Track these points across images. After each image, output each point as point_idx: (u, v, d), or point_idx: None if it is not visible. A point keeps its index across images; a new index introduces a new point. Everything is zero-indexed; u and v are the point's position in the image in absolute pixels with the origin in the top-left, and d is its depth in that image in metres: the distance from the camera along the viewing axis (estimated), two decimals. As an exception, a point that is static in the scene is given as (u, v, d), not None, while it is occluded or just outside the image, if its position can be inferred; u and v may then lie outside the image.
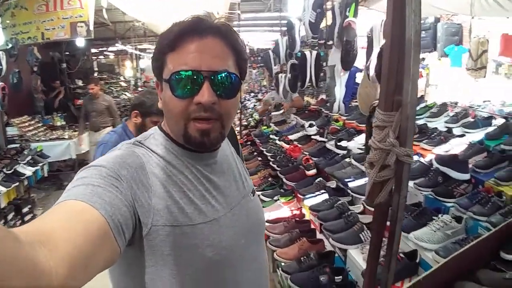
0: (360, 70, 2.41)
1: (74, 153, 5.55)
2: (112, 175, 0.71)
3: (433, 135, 2.63)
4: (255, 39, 11.08)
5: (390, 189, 1.14)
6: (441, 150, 2.44)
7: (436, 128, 2.77)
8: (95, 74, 11.12)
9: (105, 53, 14.14)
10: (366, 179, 2.56)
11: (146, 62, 15.14)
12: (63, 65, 6.91)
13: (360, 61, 2.62)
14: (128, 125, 2.17)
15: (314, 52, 3.14)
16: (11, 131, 5.39)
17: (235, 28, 0.90)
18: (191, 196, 0.82)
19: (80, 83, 8.49)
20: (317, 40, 3.60)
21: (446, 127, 2.82)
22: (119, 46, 10.30)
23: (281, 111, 4.91)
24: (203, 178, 0.86)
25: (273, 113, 5.02)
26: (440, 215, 1.87)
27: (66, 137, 5.65)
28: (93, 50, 12.02)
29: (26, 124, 5.73)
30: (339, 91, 2.75)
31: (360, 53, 2.47)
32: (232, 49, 0.84)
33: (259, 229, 1.00)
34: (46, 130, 5.91)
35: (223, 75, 0.80)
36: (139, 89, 14.51)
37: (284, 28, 4.27)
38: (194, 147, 0.85)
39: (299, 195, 2.88)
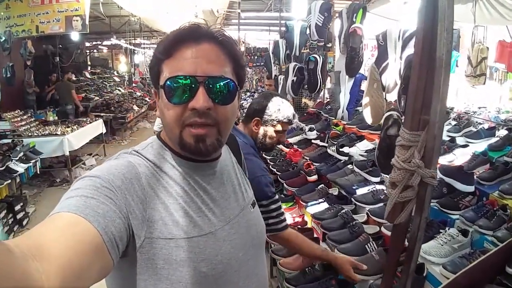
0: (366, 78, 2.39)
1: (67, 149, 5.44)
2: (107, 186, 0.70)
3: (436, 145, 2.62)
4: (253, 37, 11.03)
5: (411, 209, 1.12)
6: (445, 160, 2.43)
7: (439, 137, 2.76)
8: (89, 68, 10.96)
9: (98, 47, 13.96)
10: (370, 187, 2.57)
11: (140, 57, 15.00)
12: (56, 59, 6.77)
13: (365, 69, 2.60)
14: (245, 132, 1.82)
15: (321, 57, 3.13)
16: (3, 125, 5.28)
17: (234, 27, 0.87)
18: (186, 209, 0.80)
19: (73, 77, 8.36)
20: (316, 42, 3.58)
21: (449, 136, 2.82)
22: (113, 41, 10.16)
23: None
24: (200, 190, 0.85)
25: None
26: (447, 228, 1.85)
27: (59, 133, 5.53)
28: (87, 44, 11.87)
29: (19, 119, 5.60)
30: (344, 98, 2.73)
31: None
32: (229, 55, 0.83)
33: (258, 242, 0.97)
34: (38, 125, 5.80)
35: (219, 80, 0.79)
36: (133, 84, 14.37)
37: (284, 29, 4.25)
38: (190, 154, 0.83)
39: (301, 202, 2.84)
